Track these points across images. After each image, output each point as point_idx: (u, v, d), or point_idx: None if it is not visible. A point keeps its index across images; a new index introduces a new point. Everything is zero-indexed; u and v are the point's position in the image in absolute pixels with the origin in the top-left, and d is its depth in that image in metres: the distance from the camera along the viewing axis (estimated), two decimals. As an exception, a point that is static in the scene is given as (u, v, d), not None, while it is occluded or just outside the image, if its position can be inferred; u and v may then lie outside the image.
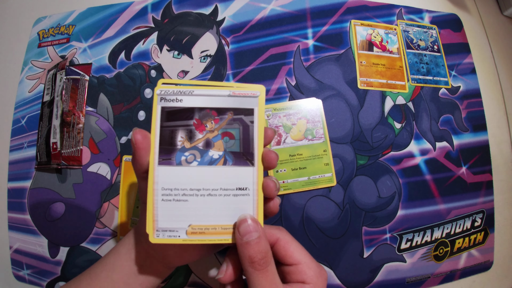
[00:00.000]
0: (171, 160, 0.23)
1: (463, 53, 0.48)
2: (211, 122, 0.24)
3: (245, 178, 0.24)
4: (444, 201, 0.43)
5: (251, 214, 0.23)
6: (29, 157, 0.44)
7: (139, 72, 0.44)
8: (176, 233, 0.23)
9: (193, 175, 0.23)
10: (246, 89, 0.24)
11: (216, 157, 0.24)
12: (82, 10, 0.48)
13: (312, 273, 0.24)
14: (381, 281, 0.40)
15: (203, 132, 0.24)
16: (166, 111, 0.24)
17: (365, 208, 0.41)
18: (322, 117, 0.43)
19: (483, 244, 0.43)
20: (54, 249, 0.41)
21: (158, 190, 0.23)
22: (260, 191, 0.24)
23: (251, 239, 0.22)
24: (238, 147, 0.24)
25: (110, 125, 0.43)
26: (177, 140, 0.24)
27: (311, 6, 0.46)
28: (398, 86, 0.45)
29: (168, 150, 0.24)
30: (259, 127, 0.24)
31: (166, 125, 0.24)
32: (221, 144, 0.24)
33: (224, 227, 0.23)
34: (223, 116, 0.24)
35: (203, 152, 0.24)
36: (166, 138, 0.24)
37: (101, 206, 0.41)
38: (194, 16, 0.46)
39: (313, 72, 0.44)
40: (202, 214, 0.23)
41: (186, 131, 0.24)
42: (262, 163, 0.24)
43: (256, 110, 0.24)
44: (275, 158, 0.24)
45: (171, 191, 0.23)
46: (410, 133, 0.44)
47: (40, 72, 0.46)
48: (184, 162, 0.24)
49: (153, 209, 0.23)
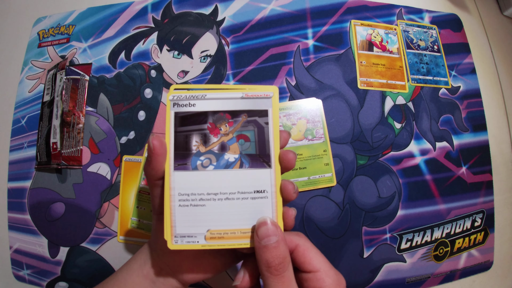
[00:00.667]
0: (186, 165, 0.23)
1: (463, 53, 0.48)
2: (225, 125, 0.24)
3: (262, 181, 0.23)
4: (444, 201, 0.43)
5: (271, 217, 0.23)
6: (29, 157, 0.44)
7: (139, 72, 0.44)
8: (195, 239, 0.23)
9: (210, 180, 0.23)
10: (259, 91, 0.24)
11: (232, 160, 0.24)
12: (82, 10, 0.48)
13: (330, 281, 0.23)
14: (381, 281, 0.40)
15: (217, 135, 0.24)
16: (180, 116, 0.24)
17: (365, 208, 0.41)
18: (322, 117, 0.43)
19: (483, 244, 0.43)
20: (54, 249, 0.41)
21: (175, 195, 0.23)
22: (278, 194, 0.23)
23: (270, 243, 0.22)
24: (254, 149, 0.24)
25: (110, 125, 0.43)
26: (192, 144, 0.23)
27: (311, 6, 0.46)
28: (398, 86, 0.45)
29: (184, 155, 0.23)
30: (274, 128, 0.24)
31: (180, 130, 0.24)
32: (237, 147, 0.24)
33: (243, 231, 0.23)
34: (237, 118, 0.24)
35: (218, 156, 0.24)
36: (181, 143, 0.23)
37: (101, 206, 0.41)
38: (194, 16, 0.46)
39: (313, 72, 0.44)
40: (220, 219, 0.23)
41: (200, 136, 0.24)
42: (280, 164, 0.24)
43: (271, 111, 0.24)
44: (293, 158, 0.24)
45: (188, 196, 0.23)
46: (410, 133, 0.44)
47: (40, 72, 0.46)
48: (200, 167, 0.23)
49: (171, 215, 0.23)
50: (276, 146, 0.24)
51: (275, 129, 0.24)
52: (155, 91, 0.44)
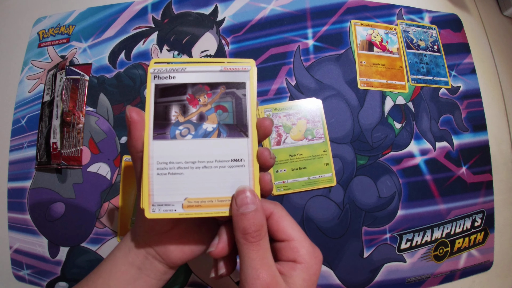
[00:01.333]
0: (165, 134, 0.23)
1: (463, 53, 0.48)
2: (204, 97, 0.24)
3: (240, 149, 0.24)
4: (444, 201, 0.43)
5: (249, 185, 0.23)
6: (29, 157, 0.44)
7: (139, 72, 0.44)
8: (172, 207, 0.23)
9: (188, 148, 0.23)
10: (237, 64, 0.24)
11: (210, 129, 0.24)
12: (82, 10, 0.48)
13: (304, 252, 0.23)
14: (381, 281, 0.40)
15: (196, 106, 0.24)
16: (160, 88, 0.24)
17: (365, 208, 0.41)
18: (322, 117, 0.43)
19: (483, 244, 0.43)
20: (54, 249, 0.41)
21: (153, 164, 0.23)
22: (255, 162, 0.23)
23: (248, 211, 0.22)
24: (232, 119, 0.24)
25: (110, 125, 0.43)
26: (171, 115, 0.24)
27: (311, 6, 0.46)
28: (398, 86, 0.45)
29: (163, 125, 0.24)
30: (251, 99, 0.24)
31: (160, 101, 0.24)
32: (215, 117, 0.24)
33: (221, 199, 0.23)
34: (215, 90, 0.24)
35: (197, 126, 0.24)
36: (161, 114, 0.24)
37: (101, 206, 0.41)
38: (194, 16, 0.46)
39: (313, 72, 0.44)
40: (198, 187, 0.23)
41: (179, 106, 0.24)
42: (258, 132, 0.24)
43: (248, 84, 0.24)
44: (270, 125, 0.24)
45: (166, 164, 0.23)
46: (410, 133, 0.44)
47: (40, 72, 0.46)
48: (178, 136, 0.24)
49: (149, 183, 0.23)
50: (253, 116, 0.24)
51: (252, 100, 0.24)
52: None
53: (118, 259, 0.28)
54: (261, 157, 0.24)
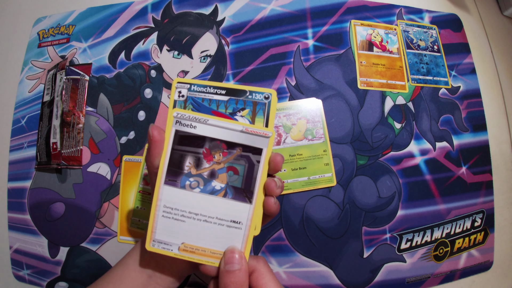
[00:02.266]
0: (176, 182, 0.25)
1: (463, 53, 0.48)
2: (219, 154, 0.25)
3: (240, 213, 0.25)
4: (444, 201, 0.43)
5: (239, 248, 0.25)
6: (29, 157, 0.44)
7: (139, 72, 0.44)
8: (169, 247, 0.25)
9: (194, 200, 0.25)
10: (258, 128, 0.25)
11: (218, 188, 0.25)
12: (82, 10, 0.48)
13: None
14: (381, 281, 0.40)
15: (210, 162, 0.25)
16: (180, 134, 0.25)
17: (365, 208, 0.41)
18: (322, 117, 0.43)
19: (483, 244, 0.43)
20: (54, 249, 0.41)
21: (161, 206, 0.25)
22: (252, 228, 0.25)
23: (232, 269, 0.24)
24: (240, 183, 0.25)
25: (110, 125, 0.43)
26: (185, 164, 0.25)
27: (311, 6, 0.46)
28: (398, 86, 0.45)
29: (175, 173, 0.25)
30: (264, 167, 0.25)
31: (177, 148, 0.25)
32: (225, 177, 0.25)
33: (213, 251, 0.25)
34: (231, 150, 0.25)
35: (206, 181, 0.25)
36: (175, 161, 0.25)
37: (101, 206, 0.41)
38: (194, 16, 0.46)
39: (313, 72, 0.44)
40: (195, 236, 0.25)
41: (194, 158, 0.25)
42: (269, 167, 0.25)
43: (265, 151, 0.25)
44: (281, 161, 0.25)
45: (172, 210, 0.25)
46: (410, 133, 0.44)
47: (40, 72, 0.46)
48: (188, 187, 0.25)
49: (153, 221, 0.25)
50: (262, 183, 0.25)
51: (264, 168, 0.25)
52: (155, 91, 0.44)
53: (129, 265, 0.28)
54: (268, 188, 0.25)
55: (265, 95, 0.26)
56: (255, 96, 0.26)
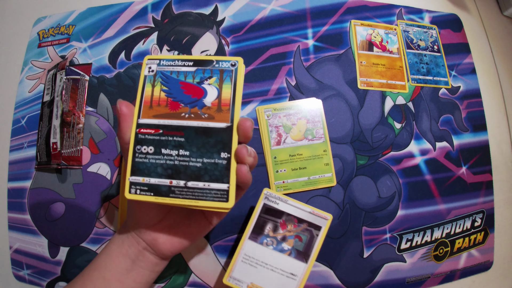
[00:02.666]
0: (257, 239, 0.34)
1: (463, 53, 0.48)
2: (291, 225, 0.35)
3: (298, 269, 0.33)
4: (444, 201, 0.43)
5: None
6: (29, 157, 0.44)
7: (139, 72, 0.44)
8: (240, 284, 0.33)
9: (267, 254, 0.34)
10: (322, 213, 0.35)
11: (286, 249, 0.34)
12: (82, 10, 0.48)
13: None
14: (381, 281, 0.40)
15: (283, 230, 0.35)
16: (266, 207, 0.35)
17: (365, 208, 0.41)
18: (322, 117, 0.43)
19: (483, 244, 0.43)
20: (54, 249, 0.41)
21: (242, 254, 0.34)
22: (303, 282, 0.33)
23: None
24: (302, 248, 0.34)
25: (110, 125, 0.43)
26: (266, 229, 0.35)
27: (311, 6, 0.46)
28: (398, 86, 0.45)
29: (258, 232, 0.35)
30: (320, 240, 0.34)
31: (262, 216, 0.35)
32: (292, 242, 0.34)
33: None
34: (300, 224, 0.35)
35: (278, 243, 0.34)
36: (259, 225, 0.35)
37: (101, 206, 0.41)
38: (194, 16, 0.46)
39: (313, 72, 0.44)
40: (262, 280, 0.33)
41: (273, 225, 0.35)
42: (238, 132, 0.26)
43: (323, 229, 0.35)
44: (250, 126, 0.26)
45: (249, 258, 0.34)
46: (410, 133, 0.44)
47: (40, 72, 0.46)
48: (264, 244, 0.34)
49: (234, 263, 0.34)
50: (317, 251, 0.34)
51: (320, 241, 0.34)
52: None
53: (112, 251, 0.29)
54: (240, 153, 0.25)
55: (231, 62, 0.27)
56: (222, 64, 0.27)
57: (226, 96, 0.26)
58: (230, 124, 0.26)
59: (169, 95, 0.27)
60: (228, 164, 0.25)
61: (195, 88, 0.27)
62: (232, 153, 0.25)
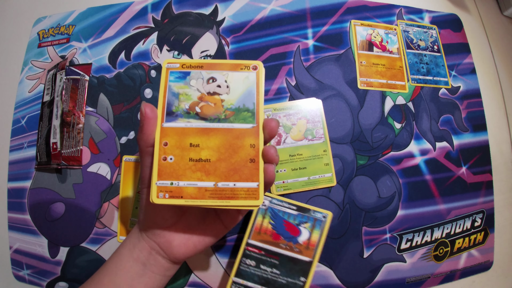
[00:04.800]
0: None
1: (463, 53, 0.48)
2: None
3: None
4: (444, 201, 0.43)
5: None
6: (29, 157, 0.44)
7: (139, 72, 0.44)
8: None
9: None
10: (321, 210, 0.36)
11: None
12: (82, 10, 0.48)
13: None
14: (381, 281, 0.40)
15: None
16: None
17: (365, 208, 0.41)
18: (322, 117, 0.43)
19: (483, 244, 0.43)
20: (54, 249, 0.41)
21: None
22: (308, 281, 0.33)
23: None
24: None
25: (110, 125, 0.43)
26: None
27: (311, 6, 0.46)
28: (398, 86, 0.45)
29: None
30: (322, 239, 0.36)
31: None
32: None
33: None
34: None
35: None
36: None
37: (101, 206, 0.41)
38: (194, 16, 0.46)
39: (313, 72, 0.44)
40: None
41: None
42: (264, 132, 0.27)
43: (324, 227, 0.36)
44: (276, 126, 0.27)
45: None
46: (410, 133, 0.44)
47: (40, 72, 0.46)
48: None
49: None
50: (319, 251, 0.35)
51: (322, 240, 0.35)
52: (155, 91, 0.44)
53: (123, 256, 0.28)
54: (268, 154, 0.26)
55: (323, 215, 0.36)
56: (316, 214, 0.36)
57: (314, 240, 0.35)
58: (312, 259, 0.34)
59: (274, 228, 0.35)
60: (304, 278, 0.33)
61: (294, 228, 0.35)
62: (259, 152, 0.26)
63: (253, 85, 0.27)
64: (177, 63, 0.28)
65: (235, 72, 0.27)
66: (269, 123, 0.26)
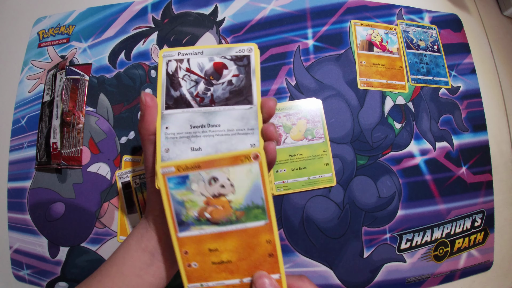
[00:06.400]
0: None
1: (463, 53, 0.48)
2: None
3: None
4: (444, 201, 0.43)
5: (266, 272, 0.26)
6: (29, 157, 0.44)
7: (139, 72, 0.44)
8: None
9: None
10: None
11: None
12: (82, 10, 0.48)
13: None
14: (381, 281, 0.40)
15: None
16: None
17: (365, 208, 0.41)
18: (322, 117, 0.43)
19: (483, 244, 0.43)
20: (54, 249, 0.41)
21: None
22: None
23: None
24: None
25: (110, 125, 0.43)
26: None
27: (311, 6, 0.46)
28: (398, 86, 0.45)
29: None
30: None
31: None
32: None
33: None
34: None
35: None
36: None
37: (101, 206, 0.41)
38: (194, 16, 0.46)
39: (313, 72, 0.44)
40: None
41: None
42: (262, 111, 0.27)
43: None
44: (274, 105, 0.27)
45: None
46: (410, 133, 0.44)
47: (40, 72, 0.46)
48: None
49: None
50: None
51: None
52: (155, 91, 0.44)
53: (131, 246, 0.28)
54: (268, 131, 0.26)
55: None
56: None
57: None
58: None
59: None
60: None
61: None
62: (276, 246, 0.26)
63: (258, 179, 0.25)
64: (172, 166, 0.25)
65: (236, 166, 0.25)
66: (267, 103, 0.27)
